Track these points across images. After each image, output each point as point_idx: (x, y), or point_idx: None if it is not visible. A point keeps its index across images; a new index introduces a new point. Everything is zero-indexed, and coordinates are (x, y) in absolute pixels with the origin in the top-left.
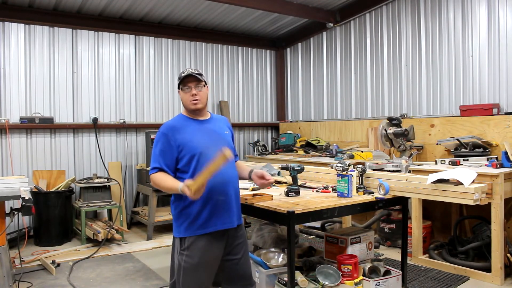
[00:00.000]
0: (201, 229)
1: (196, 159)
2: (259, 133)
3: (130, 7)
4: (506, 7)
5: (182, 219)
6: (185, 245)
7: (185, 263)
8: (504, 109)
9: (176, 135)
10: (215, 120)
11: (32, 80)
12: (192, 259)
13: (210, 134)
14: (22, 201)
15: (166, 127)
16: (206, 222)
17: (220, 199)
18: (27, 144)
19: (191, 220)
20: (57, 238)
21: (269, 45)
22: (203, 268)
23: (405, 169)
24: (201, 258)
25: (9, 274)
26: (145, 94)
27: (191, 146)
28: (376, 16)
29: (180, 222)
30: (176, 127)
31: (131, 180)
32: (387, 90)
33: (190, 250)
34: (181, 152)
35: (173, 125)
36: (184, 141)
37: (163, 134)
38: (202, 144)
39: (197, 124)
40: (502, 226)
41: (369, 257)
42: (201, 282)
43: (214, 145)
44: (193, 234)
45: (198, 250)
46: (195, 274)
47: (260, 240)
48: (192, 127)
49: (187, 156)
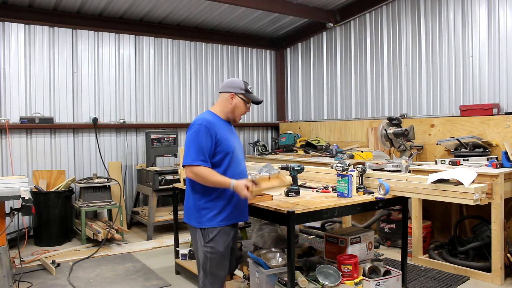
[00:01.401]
0: (224, 221)
1: (229, 157)
2: (259, 133)
3: (130, 7)
4: (506, 7)
5: (206, 211)
6: (209, 237)
7: (211, 254)
8: (504, 109)
9: (216, 130)
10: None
11: (32, 80)
12: (217, 249)
13: (235, 138)
14: (22, 201)
15: (207, 121)
16: (230, 214)
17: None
18: (27, 144)
19: (217, 212)
20: (57, 238)
21: (269, 45)
22: (227, 255)
23: (405, 169)
24: (224, 248)
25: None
26: (145, 94)
27: (227, 145)
28: (376, 16)
29: (204, 213)
30: (215, 123)
31: (131, 180)
32: (387, 90)
33: (214, 241)
34: (218, 147)
35: (212, 120)
36: (222, 138)
37: (205, 127)
38: (234, 145)
39: (228, 125)
40: (502, 226)
41: (369, 257)
42: (225, 268)
43: (238, 147)
44: (217, 225)
45: (222, 240)
46: (221, 263)
47: (260, 240)
48: (225, 128)
49: (222, 152)
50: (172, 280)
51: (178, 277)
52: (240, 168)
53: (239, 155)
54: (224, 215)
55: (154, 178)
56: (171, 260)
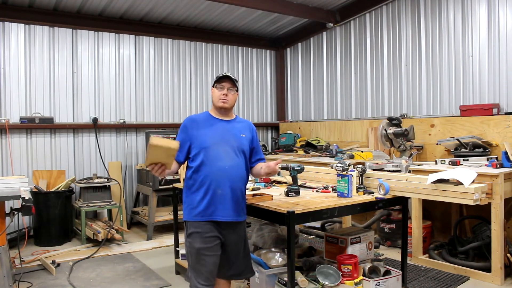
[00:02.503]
0: (199, 217)
1: (204, 152)
2: (259, 133)
3: (130, 7)
4: (506, 7)
5: (186, 204)
6: (188, 231)
7: (189, 249)
8: (504, 109)
9: (195, 128)
10: (238, 122)
11: (32, 80)
12: (193, 245)
13: (224, 133)
14: (22, 201)
15: (188, 119)
16: (204, 211)
17: (218, 192)
18: (27, 144)
19: (193, 206)
20: (57, 238)
21: (269, 45)
22: (204, 254)
23: (405, 169)
24: (200, 244)
25: (9, 274)
26: (145, 94)
27: (204, 140)
28: (376, 16)
29: (185, 206)
30: (197, 121)
31: (131, 180)
32: (387, 90)
33: (191, 237)
34: (193, 142)
35: (196, 118)
36: (199, 133)
37: (183, 125)
38: (214, 140)
39: (217, 122)
40: (502, 226)
41: (369, 257)
42: (206, 265)
43: (222, 143)
44: (192, 219)
45: (197, 237)
46: (199, 258)
47: (260, 240)
48: (212, 124)
49: (196, 148)
50: (172, 280)
51: (178, 277)
52: (220, 163)
53: (221, 152)
54: (198, 209)
55: (154, 178)
56: (171, 260)
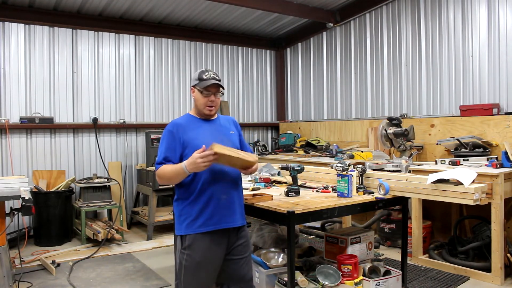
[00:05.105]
0: (203, 227)
1: None
2: (259, 133)
3: (130, 7)
4: (506, 7)
5: (184, 217)
6: (186, 244)
7: (186, 262)
8: (504, 109)
9: (182, 132)
10: (222, 120)
11: (32, 80)
12: (193, 257)
13: (215, 134)
14: (22, 201)
15: (173, 125)
16: (208, 220)
17: (223, 198)
18: (27, 144)
19: (193, 218)
20: (57, 238)
21: (269, 45)
22: (205, 267)
23: (405, 169)
24: (202, 257)
25: (9, 274)
26: (145, 94)
27: (196, 144)
28: (376, 16)
29: (182, 220)
30: (182, 125)
31: (131, 180)
32: (387, 90)
33: (191, 248)
34: (185, 149)
35: (180, 123)
36: (189, 138)
37: (169, 131)
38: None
39: (203, 123)
40: (502, 226)
41: (369, 257)
42: (202, 281)
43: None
44: (194, 232)
45: (200, 248)
46: (197, 273)
47: (260, 240)
48: (198, 126)
49: (190, 154)
50: (172, 280)
51: None
52: (219, 167)
53: None
54: (201, 221)
55: (154, 178)
56: (171, 260)
